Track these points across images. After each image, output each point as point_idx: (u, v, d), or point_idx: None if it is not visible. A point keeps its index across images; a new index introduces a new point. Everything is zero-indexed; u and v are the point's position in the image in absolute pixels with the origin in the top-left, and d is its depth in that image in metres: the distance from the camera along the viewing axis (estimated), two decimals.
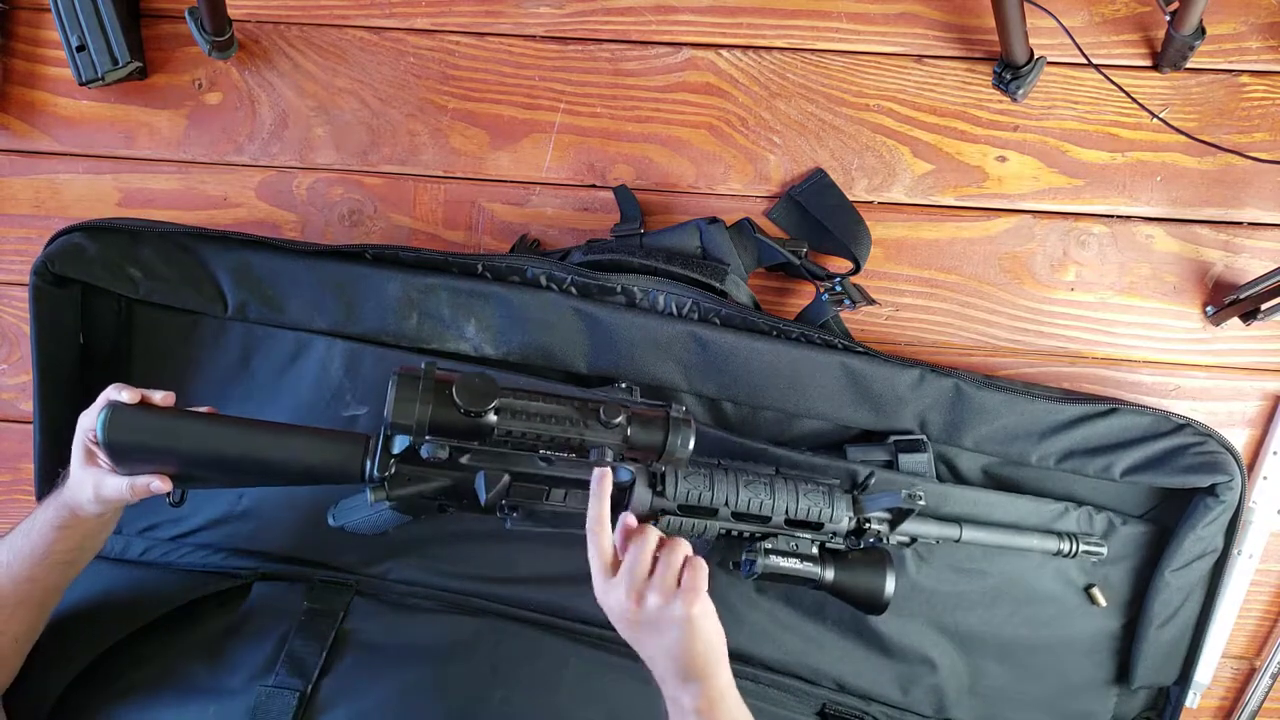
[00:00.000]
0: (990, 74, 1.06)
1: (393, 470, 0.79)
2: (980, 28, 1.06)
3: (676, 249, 1.03)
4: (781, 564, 0.80)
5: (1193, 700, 1.07)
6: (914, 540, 0.90)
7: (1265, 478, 1.08)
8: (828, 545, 0.84)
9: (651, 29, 1.08)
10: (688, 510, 0.81)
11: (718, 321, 0.98)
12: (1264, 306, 1.02)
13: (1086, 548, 0.93)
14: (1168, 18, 0.98)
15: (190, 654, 0.86)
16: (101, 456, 0.77)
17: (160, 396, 0.78)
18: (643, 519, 0.79)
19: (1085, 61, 1.03)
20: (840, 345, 0.97)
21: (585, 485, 0.76)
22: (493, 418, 0.74)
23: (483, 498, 0.78)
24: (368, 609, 0.92)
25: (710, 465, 0.83)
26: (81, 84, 1.06)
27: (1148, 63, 1.06)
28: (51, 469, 0.99)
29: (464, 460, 0.78)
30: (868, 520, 0.84)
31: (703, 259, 1.02)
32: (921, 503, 0.81)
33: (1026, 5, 0.96)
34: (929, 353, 1.10)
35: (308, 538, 0.95)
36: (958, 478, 1.01)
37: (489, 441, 0.76)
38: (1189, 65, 1.04)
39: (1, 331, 1.14)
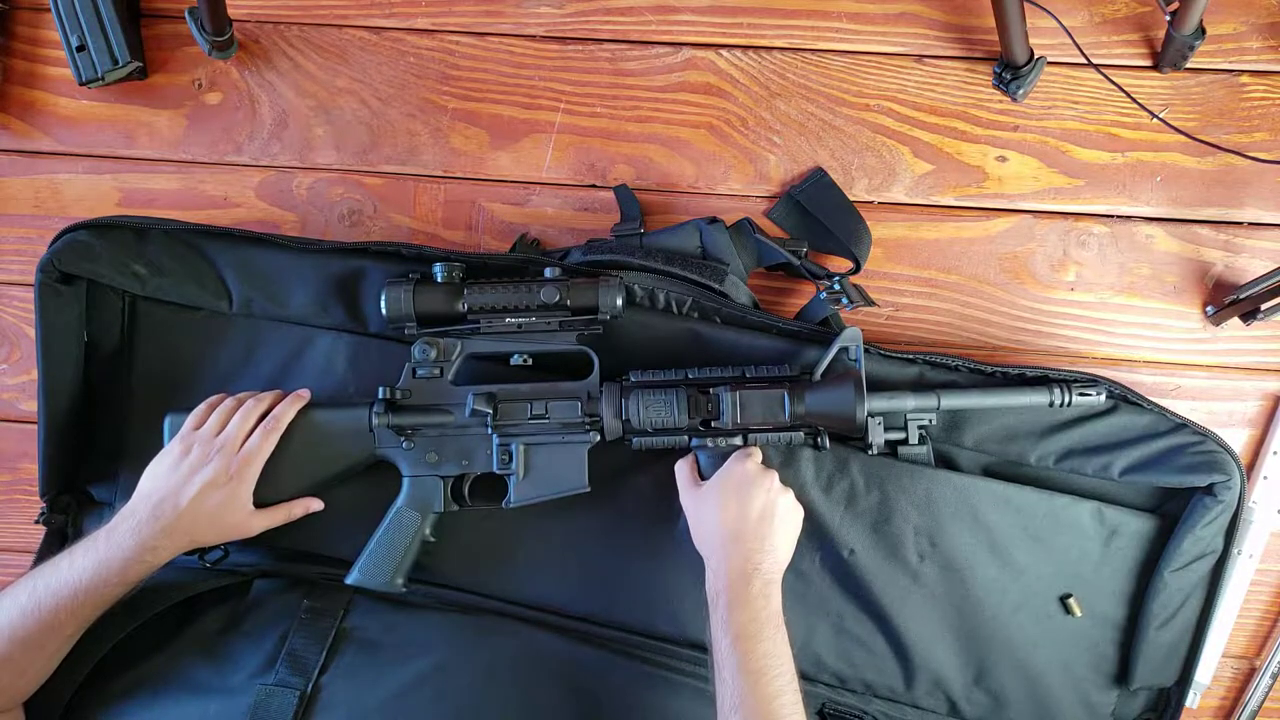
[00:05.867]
0: (990, 74, 1.06)
1: (396, 395, 0.92)
2: (980, 28, 1.06)
3: (676, 249, 1.03)
4: (752, 395, 0.88)
5: (1193, 700, 1.07)
6: (904, 436, 0.93)
7: (1265, 478, 1.08)
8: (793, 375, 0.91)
9: (651, 29, 1.08)
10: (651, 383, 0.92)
11: (718, 320, 0.98)
12: (1264, 306, 1.02)
13: (1081, 395, 0.91)
14: (1168, 18, 0.98)
15: (190, 652, 0.86)
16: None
17: None
18: (615, 441, 0.92)
19: (1085, 61, 1.03)
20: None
21: (560, 397, 0.91)
22: (463, 305, 0.90)
23: (468, 410, 0.90)
24: (368, 607, 0.92)
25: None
26: (81, 84, 1.07)
27: (1148, 63, 1.06)
28: (54, 467, 0.99)
29: (451, 378, 0.92)
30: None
31: (703, 259, 1.02)
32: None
33: (1026, 5, 0.96)
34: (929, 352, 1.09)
35: (308, 531, 0.95)
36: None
37: (464, 323, 0.91)
38: (1189, 65, 1.05)
39: (1, 331, 1.14)
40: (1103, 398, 0.93)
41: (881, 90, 1.08)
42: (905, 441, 0.95)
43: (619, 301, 0.90)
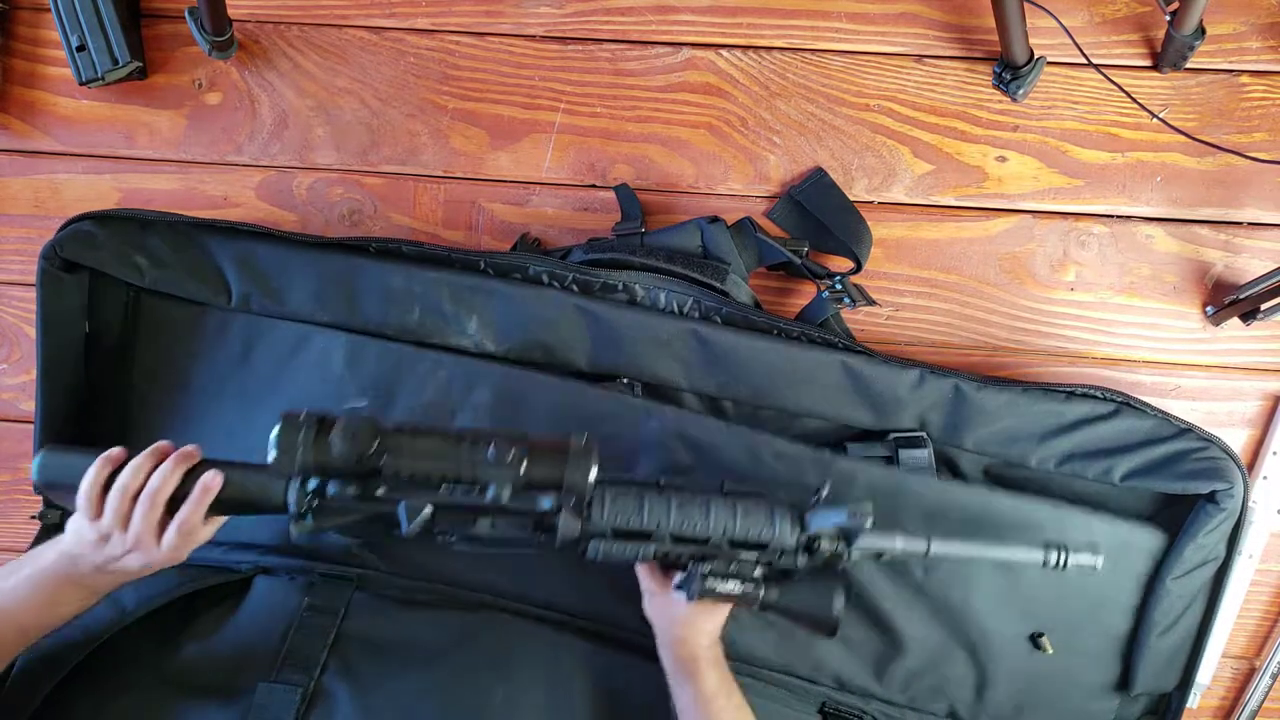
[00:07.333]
0: (990, 74, 1.07)
1: (314, 503, 0.75)
2: (980, 28, 1.06)
3: (677, 248, 1.03)
4: (720, 587, 0.77)
5: (1193, 700, 1.07)
6: (880, 555, 0.83)
7: (1265, 478, 1.08)
8: (775, 564, 0.80)
9: (651, 29, 1.08)
10: (620, 534, 0.78)
11: (718, 320, 0.98)
12: (1264, 306, 1.02)
13: (1077, 560, 0.81)
14: (1168, 18, 0.98)
15: (188, 650, 0.86)
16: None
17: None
18: (570, 545, 0.77)
19: (1085, 61, 1.03)
20: (840, 345, 0.97)
21: (512, 512, 0.75)
22: (381, 459, 0.73)
23: (404, 528, 0.75)
24: (368, 605, 0.92)
25: (644, 486, 0.80)
26: (81, 84, 1.07)
27: (1148, 63, 1.06)
28: None
29: (380, 493, 0.75)
30: (816, 538, 0.79)
31: (704, 258, 1.02)
32: (869, 521, 0.76)
33: (1026, 5, 0.96)
34: (929, 353, 1.10)
35: None
36: (959, 479, 1.00)
37: (384, 480, 0.74)
38: (1189, 65, 1.05)
39: (1, 331, 1.14)
40: (1098, 565, 0.82)
41: (881, 90, 1.08)
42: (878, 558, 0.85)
43: (592, 476, 0.73)
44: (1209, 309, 1.08)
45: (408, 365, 0.97)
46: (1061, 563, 0.81)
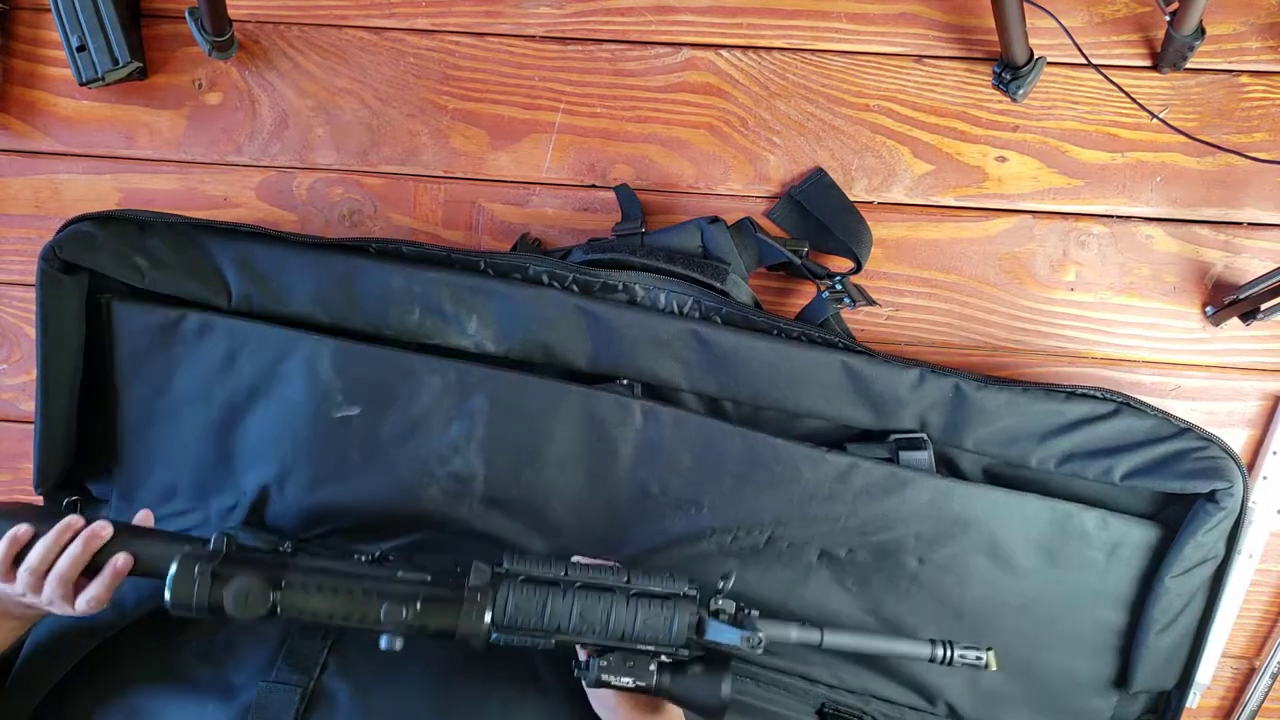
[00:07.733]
0: (990, 74, 1.07)
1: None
2: (980, 28, 1.06)
3: (678, 248, 1.03)
4: (614, 680, 0.79)
5: (1192, 700, 1.07)
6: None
7: (1265, 478, 1.08)
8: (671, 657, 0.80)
9: (651, 29, 1.08)
10: (524, 630, 0.79)
11: (719, 320, 0.98)
12: (1264, 306, 1.02)
13: (963, 658, 0.78)
14: (1168, 18, 0.98)
15: (187, 649, 0.86)
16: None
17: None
18: (474, 639, 0.77)
19: (1085, 61, 1.03)
20: (840, 345, 0.97)
21: (407, 631, 0.76)
22: (277, 610, 0.75)
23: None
24: None
25: (549, 583, 0.79)
26: (81, 84, 1.07)
27: (1148, 63, 1.06)
28: (52, 464, 0.99)
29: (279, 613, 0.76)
30: (713, 642, 0.80)
31: (704, 258, 1.02)
32: (759, 651, 0.76)
33: (1026, 5, 0.96)
34: (929, 353, 1.10)
35: (319, 527, 0.95)
36: (959, 478, 1.01)
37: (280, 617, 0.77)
38: (1189, 65, 1.05)
39: (1, 331, 1.14)
40: (984, 660, 0.79)
41: (881, 90, 1.08)
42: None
43: (485, 623, 0.76)
44: (1209, 309, 1.08)
45: (400, 372, 0.96)
46: (948, 659, 0.79)
